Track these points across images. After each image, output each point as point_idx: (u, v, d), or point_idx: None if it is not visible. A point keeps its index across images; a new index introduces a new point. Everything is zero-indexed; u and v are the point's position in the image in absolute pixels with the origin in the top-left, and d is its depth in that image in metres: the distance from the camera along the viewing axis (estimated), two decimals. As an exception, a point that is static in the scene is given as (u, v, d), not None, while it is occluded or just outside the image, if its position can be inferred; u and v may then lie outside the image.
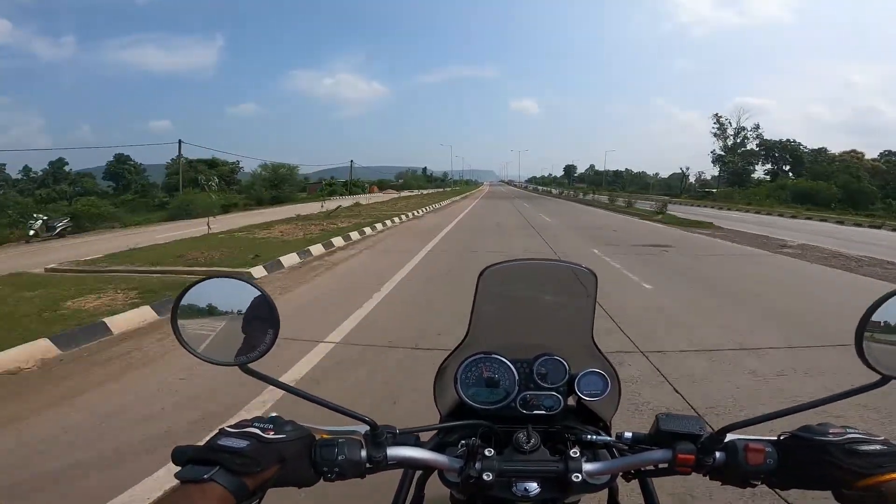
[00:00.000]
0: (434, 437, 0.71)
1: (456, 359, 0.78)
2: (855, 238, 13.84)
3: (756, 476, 0.57)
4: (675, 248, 10.15)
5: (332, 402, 0.60)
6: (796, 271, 7.78)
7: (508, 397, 0.75)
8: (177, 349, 4.42)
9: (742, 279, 7.02)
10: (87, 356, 3.81)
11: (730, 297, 5.77)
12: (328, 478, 0.58)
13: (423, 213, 21.04)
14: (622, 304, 5.10)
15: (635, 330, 4.25)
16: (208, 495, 0.47)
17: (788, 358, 3.64)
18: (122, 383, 3.26)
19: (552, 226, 15.32)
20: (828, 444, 0.53)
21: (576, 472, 0.59)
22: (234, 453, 0.50)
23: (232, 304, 0.59)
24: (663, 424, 0.62)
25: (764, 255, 9.38)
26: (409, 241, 11.16)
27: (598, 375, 0.75)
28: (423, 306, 5.22)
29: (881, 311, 0.53)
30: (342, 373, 3.39)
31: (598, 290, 0.80)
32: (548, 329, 0.84)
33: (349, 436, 0.61)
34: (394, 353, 3.73)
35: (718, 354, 3.71)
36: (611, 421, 0.78)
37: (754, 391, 3.06)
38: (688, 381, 3.20)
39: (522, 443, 0.65)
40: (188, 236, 11.60)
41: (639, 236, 12.49)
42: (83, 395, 3.05)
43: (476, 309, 0.79)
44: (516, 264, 0.84)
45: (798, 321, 4.69)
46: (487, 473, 0.59)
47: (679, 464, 0.58)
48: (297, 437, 0.56)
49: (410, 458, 0.62)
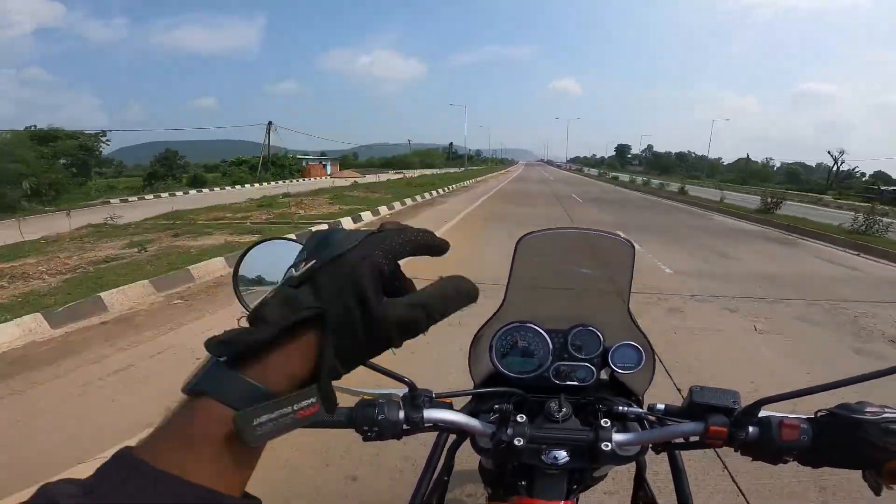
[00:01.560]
0: (468, 404, 0.73)
1: (491, 327, 0.79)
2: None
3: (789, 452, 0.56)
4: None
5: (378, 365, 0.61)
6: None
7: (542, 367, 0.76)
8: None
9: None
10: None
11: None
12: (368, 436, 0.60)
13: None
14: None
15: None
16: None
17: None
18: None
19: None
20: (864, 422, 0.53)
21: (605, 442, 0.60)
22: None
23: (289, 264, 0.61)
24: (697, 397, 0.61)
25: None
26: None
27: (632, 348, 0.75)
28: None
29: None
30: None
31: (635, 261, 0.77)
32: (584, 300, 0.84)
33: (389, 398, 0.63)
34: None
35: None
36: (643, 395, 0.78)
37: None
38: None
39: (554, 412, 0.67)
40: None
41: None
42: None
43: (513, 277, 0.79)
44: (554, 233, 0.84)
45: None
46: (518, 439, 0.61)
47: (710, 436, 0.58)
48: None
49: (445, 421, 0.64)
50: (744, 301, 4.55)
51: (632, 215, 12.37)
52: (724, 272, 5.84)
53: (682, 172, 61.14)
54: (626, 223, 10.18)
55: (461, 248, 6.26)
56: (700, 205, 16.40)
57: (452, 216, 10.38)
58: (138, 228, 8.30)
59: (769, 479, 1.96)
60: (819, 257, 7.58)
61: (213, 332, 0.28)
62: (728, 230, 10.35)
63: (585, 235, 0.85)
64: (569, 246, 0.90)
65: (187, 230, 7.78)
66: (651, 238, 8.14)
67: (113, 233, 7.90)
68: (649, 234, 8.71)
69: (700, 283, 5.21)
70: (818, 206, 22.35)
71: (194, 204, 12.98)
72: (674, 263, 6.12)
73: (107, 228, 8.44)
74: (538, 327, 0.77)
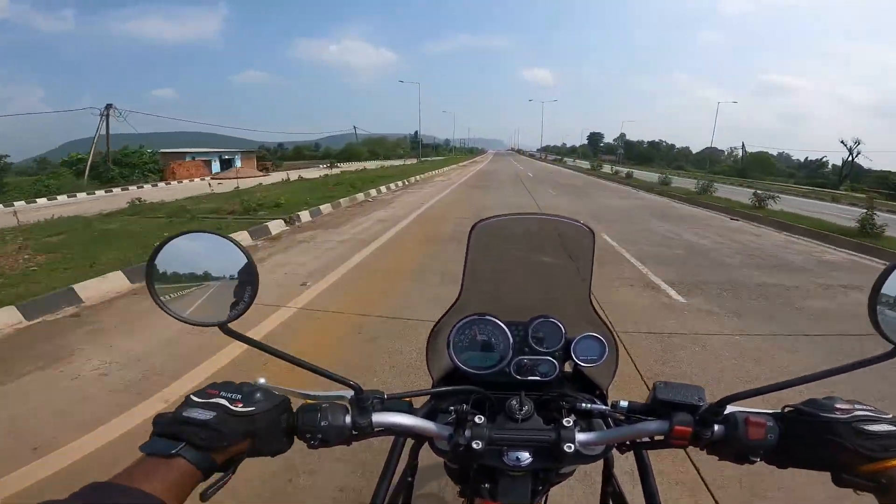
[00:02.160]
0: (426, 403, 0.69)
1: (448, 321, 0.75)
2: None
3: (756, 452, 0.54)
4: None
5: (316, 366, 0.57)
6: None
7: (502, 362, 0.73)
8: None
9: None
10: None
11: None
12: (312, 444, 0.56)
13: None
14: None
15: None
16: (174, 470, 0.45)
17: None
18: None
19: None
20: (833, 423, 0.50)
21: (568, 443, 0.57)
22: (199, 426, 0.48)
23: (208, 260, 0.56)
24: (660, 394, 0.59)
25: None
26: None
27: (595, 340, 0.73)
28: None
29: (894, 277, 0.49)
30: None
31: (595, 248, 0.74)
32: (544, 289, 0.81)
33: (334, 401, 0.59)
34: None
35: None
36: (608, 389, 0.76)
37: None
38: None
39: (515, 410, 0.63)
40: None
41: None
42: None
43: (468, 267, 0.76)
44: (509, 219, 0.80)
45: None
46: (477, 441, 0.57)
47: (676, 436, 0.56)
48: (268, 406, 0.53)
49: (397, 425, 0.60)
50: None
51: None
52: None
53: (662, 163, 58.36)
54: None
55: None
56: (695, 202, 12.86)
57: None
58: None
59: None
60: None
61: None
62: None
63: (543, 221, 0.82)
64: (526, 233, 0.86)
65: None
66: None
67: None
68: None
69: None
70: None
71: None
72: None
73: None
74: (497, 320, 0.74)
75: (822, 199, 22.75)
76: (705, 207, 12.57)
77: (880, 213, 8.96)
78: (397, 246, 6.41)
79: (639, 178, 23.49)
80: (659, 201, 14.29)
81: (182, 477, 0.45)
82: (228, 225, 7.47)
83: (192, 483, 0.46)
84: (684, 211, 11.86)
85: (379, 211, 9.96)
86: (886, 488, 0.45)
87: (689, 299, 4.31)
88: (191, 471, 0.46)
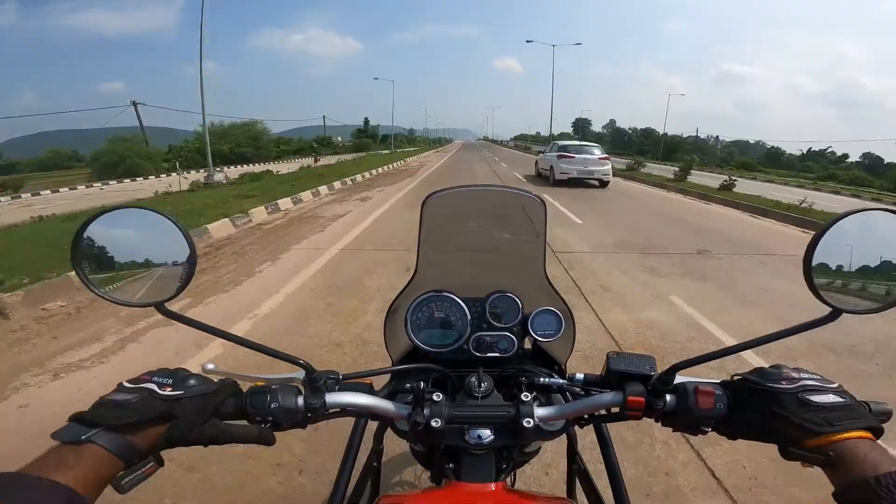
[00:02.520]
0: (387, 384, 0.68)
1: (405, 299, 0.74)
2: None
3: (706, 422, 0.54)
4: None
5: (264, 346, 0.55)
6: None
7: (461, 339, 0.72)
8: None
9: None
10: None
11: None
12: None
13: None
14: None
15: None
16: (88, 457, 0.42)
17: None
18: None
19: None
20: (779, 393, 0.50)
21: (527, 418, 0.57)
22: (116, 406, 0.45)
23: (141, 237, 0.52)
24: (613, 364, 0.59)
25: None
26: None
27: (551, 314, 0.73)
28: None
29: (826, 239, 0.49)
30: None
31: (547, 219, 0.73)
32: (499, 264, 0.81)
33: (287, 382, 0.57)
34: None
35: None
36: (566, 364, 0.76)
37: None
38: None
39: (474, 387, 0.62)
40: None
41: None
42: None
43: (422, 243, 0.74)
44: (461, 191, 0.79)
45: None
46: (436, 420, 0.56)
47: (630, 407, 0.56)
48: (201, 392, 0.50)
49: (352, 405, 0.58)
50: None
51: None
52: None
53: (680, 156, 48.20)
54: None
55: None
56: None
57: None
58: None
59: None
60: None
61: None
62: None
63: (494, 193, 0.81)
64: (478, 206, 0.85)
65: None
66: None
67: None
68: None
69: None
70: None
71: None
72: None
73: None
74: (454, 296, 0.73)
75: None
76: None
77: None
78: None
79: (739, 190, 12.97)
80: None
81: (98, 465, 0.42)
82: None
83: (111, 471, 0.43)
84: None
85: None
86: (833, 462, 0.45)
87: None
88: (107, 458, 0.43)
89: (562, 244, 5.74)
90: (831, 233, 0.48)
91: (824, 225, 0.49)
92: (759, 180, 27.63)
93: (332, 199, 9.77)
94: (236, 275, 4.40)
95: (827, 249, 0.49)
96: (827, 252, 0.49)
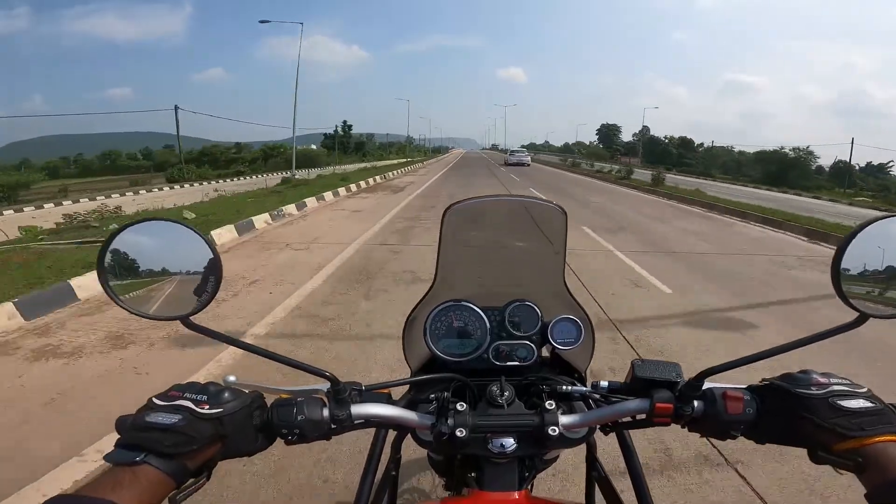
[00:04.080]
0: (406, 394, 0.68)
1: (424, 308, 0.74)
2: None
3: (735, 427, 0.54)
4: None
5: (289, 358, 0.55)
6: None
7: (480, 348, 0.72)
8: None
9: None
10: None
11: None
12: (289, 440, 0.53)
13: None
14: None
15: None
16: (141, 478, 0.42)
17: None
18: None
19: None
20: (809, 398, 0.50)
21: (552, 426, 0.56)
22: (163, 431, 0.45)
23: (167, 250, 0.52)
24: (639, 371, 0.59)
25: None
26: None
27: (570, 322, 0.73)
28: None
29: (854, 245, 0.49)
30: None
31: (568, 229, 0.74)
32: (518, 273, 0.81)
33: (310, 394, 0.57)
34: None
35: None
36: (586, 371, 0.76)
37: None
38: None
39: (496, 396, 0.62)
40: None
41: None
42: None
43: (442, 253, 0.74)
44: (482, 201, 0.79)
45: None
46: (461, 429, 0.56)
47: (657, 414, 0.56)
48: (238, 406, 0.50)
49: (377, 416, 0.58)
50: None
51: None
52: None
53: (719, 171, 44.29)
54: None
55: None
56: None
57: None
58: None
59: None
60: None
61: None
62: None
63: (513, 202, 0.81)
64: (499, 216, 0.85)
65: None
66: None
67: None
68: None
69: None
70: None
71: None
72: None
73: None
74: (474, 305, 0.73)
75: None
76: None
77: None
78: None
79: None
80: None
81: (151, 485, 0.43)
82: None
83: (164, 491, 0.44)
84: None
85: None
86: (864, 467, 0.45)
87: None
88: (160, 478, 0.43)
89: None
90: (858, 239, 0.49)
91: (851, 231, 0.49)
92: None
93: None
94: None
95: (854, 255, 0.49)
96: (854, 258, 0.50)
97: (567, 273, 0.78)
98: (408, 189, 15.24)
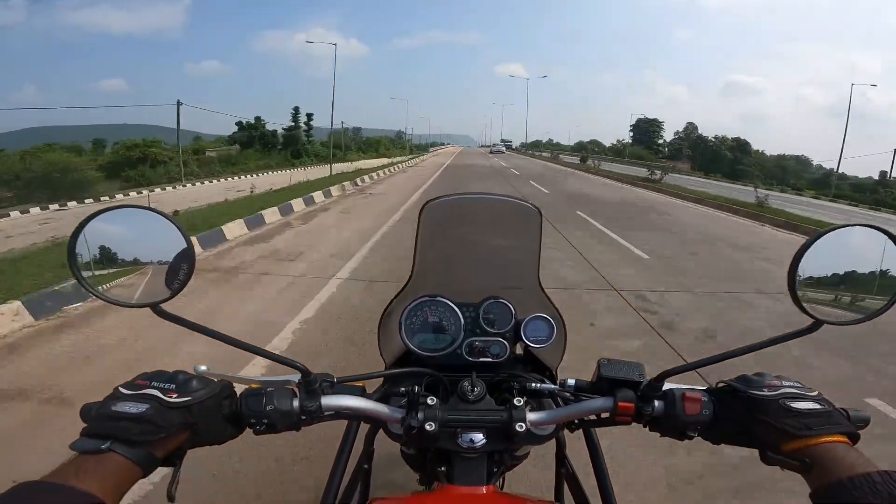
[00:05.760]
0: (380, 388, 0.69)
1: (400, 303, 0.75)
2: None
3: (693, 427, 0.56)
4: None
5: (261, 348, 0.55)
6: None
7: (454, 344, 0.73)
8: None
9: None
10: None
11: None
12: (257, 430, 0.54)
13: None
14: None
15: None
16: (107, 465, 0.42)
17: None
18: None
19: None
20: (761, 399, 0.51)
21: (520, 422, 0.58)
22: (131, 420, 0.45)
23: (139, 237, 0.52)
24: (605, 371, 0.61)
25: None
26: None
27: (543, 321, 0.74)
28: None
29: (809, 254, 0.50)
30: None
31: (542, 228, 0.76)
32: (494, 270, 0.82)
33: (281, 385, 0.57)
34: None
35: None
36: (557, 370, 0.77)
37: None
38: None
39: (467, 391, 0.63)
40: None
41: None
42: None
43: (419, 248, 0.75)
44: (458, 199, 0.80)
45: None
46: (430, 423, 0.57)
47: (620, 413, 0.58)
48: (206, 395, 0.51)
49: (347, 408, 0.59)
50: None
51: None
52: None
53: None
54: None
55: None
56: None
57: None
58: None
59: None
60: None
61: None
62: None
63: (490, 201, 0.82)
64: (475, 213, 0.86)
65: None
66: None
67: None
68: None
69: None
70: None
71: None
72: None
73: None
74: (449, 301, 0.74)
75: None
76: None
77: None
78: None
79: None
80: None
81: (117, 471, 0.43)
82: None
83: (131, 478, 0.44)
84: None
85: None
86: (810, 467, 0.46)
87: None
88: (126, 465, 0.43)
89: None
90: (815, 247, 0.50)
91: (808, 240, 0.51)
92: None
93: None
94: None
95: (810, 263, 0.51)
96: (810, 266, 0.51)
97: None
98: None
